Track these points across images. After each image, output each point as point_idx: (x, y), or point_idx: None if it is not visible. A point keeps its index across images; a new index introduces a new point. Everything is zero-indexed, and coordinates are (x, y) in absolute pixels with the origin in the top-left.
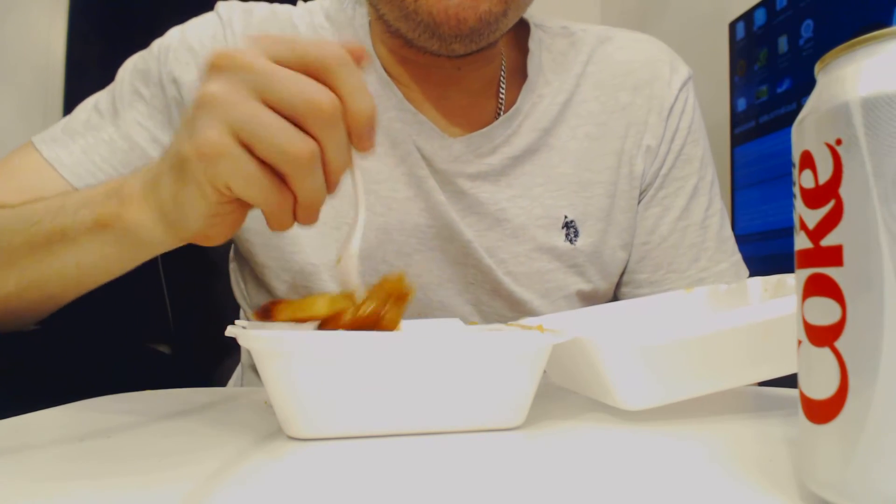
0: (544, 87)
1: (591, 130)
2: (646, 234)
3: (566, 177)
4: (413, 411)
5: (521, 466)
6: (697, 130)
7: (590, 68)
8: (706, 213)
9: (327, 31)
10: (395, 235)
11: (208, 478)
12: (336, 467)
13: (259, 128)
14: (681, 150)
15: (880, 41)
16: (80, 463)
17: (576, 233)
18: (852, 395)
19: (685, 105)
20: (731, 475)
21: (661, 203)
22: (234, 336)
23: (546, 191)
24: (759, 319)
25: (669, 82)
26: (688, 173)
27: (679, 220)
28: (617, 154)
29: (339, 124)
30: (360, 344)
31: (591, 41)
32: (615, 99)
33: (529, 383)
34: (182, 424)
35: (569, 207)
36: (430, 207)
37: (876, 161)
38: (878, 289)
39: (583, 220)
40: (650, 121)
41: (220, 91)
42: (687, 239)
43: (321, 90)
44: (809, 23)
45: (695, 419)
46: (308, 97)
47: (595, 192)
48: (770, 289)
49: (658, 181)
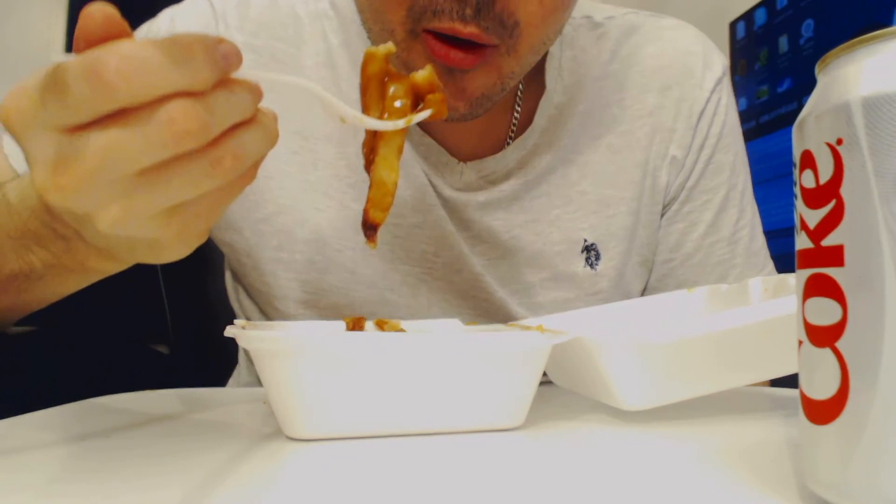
0: (562, 94)
1: (614, 141)
2: (669, 250)
3: (586, 195)
4: (413, 411)
5: (521, 466)
6: (730, 134)
7: (614, 67)
8: (736, 226)
9: (332, 21)
10: (401, 265)
11: (208, 478)
12: (336, 467)
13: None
14: (710, 160)
15: (880, 41)
16: (80, 463)
17: (597, 256)
18: (853, 395)
19: (717, 107)
20: (732, 475)
21: (686, 218)
22: (233, 336)
23: (564, 213)
24: (760, 319)
25: (701, 82)
26: (717, 184)
27: (706, 236)
28: (641, 166)
29: (207, 109)
30: (361, 344)
31: (616, 34)
32: (641, 102)
33: (529, 383)
34: (182, 424)
35: (589, 230)
36: (437, 237)
37: (877, 161)
38: (878, 289)
39: (604, 241)
40: (678, 127)
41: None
42: (714, 256)
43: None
44: (809, 23)
45: (695, 419)
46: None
47: (618, 210)
48: (770, 289)
49: (683, 194)
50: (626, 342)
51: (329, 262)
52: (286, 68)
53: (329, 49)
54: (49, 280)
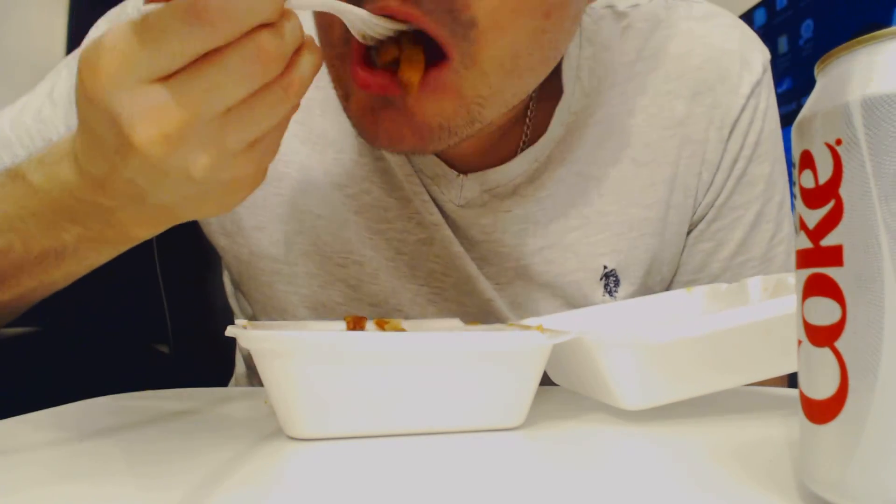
0: (581, 100)
1: (639, 154)
2: (693, 271)
3: (606, 216)
4: (413, 411)
5: (521, 466)
6: (767, 141)
7: (638, 68)
8: (770, 243)
9: None
10: (408, 283)
11: (208, 478)
12: (336, 467)
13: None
14: (743, 173)
15: (880, 41)
16: (80, 463)
17: (616, 283)
18: (852, 395)
19: (754, 114)
20: (731, 475)
21: (714, 237)
22: (233, 336)
23: (583, 236)
24: (759, 319)
25: (738, 87)
26: (750, 199)
27: (735, 256)
28: (668, 182)
29: (280, 37)
30: (361, 344)
31: (642, 27)
32: (669, 110)
33: (529, 383)
34: (182, 424)
35: (610, 255)
36: (444, 256)
37: (876, 161)
38: (878, 289)
39: (625, 266)
40: (710, 138)
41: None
42: (744, 276)
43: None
44: (809, 23)
45: (695, 419)
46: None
47: (643, 232)
48: (770, 288)
49: (712, 213)
50: (626, 342)
51: (329, 277)
52: None
53: None
54: (84, 254)
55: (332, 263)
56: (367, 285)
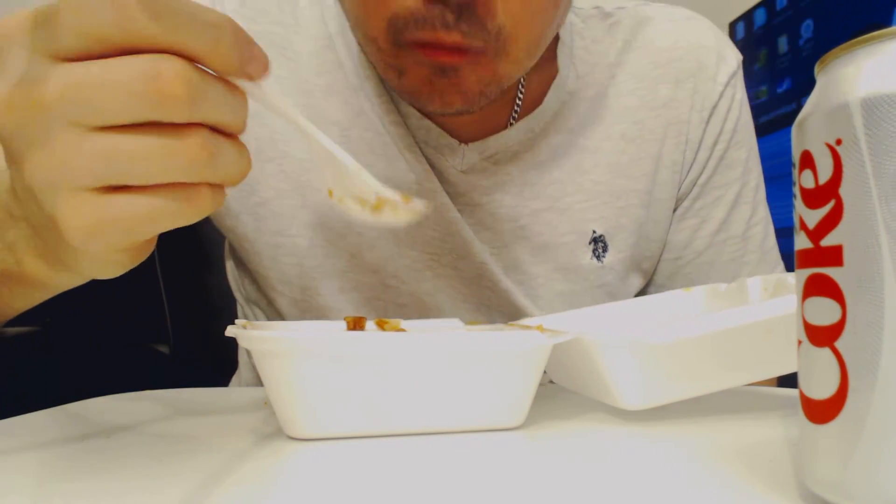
0: (575, 82)
1: (628, 130)
2: (679, 248)
3: (598, 185)
4: (413, 411)
5: (521, 466)
6: (743, 129)
7: (627, 56)
8: (748, 223)
9: (331, 10)
10: (406, 249)
11: (208, 478)
12: (336, 467)
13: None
14: (723, 155)
15: (880, 41)
16: (80, 463)
17: (604, 248)
18: (852, 395)
19: (731, 102)
20: (732, 475)
21: (697, 214)
22: (233, 336)
23: (575, 202)
24: (759, 319)
25: (715, 76)
26: (730, 180)
27: (717, 233)
28: (654, 158)
29: (202, 84)
30: (360, 344)
31: (628, 23)
32: (654, 93)
33: (529, 383)
34: (182, 424)
35: (599, 220)
36: (442, 222)
37: (876, 161)
38: (878, 289)
39: (613, 233)
40: (692, 120)
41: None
42: (725, 253)
43: (146, 66)
44: (809, 23)
45: (694, 419)
46: (140, 88)
47: (629, 202)
48: (770, 288)
49: (696, 190)
50: (626, 342)
51: (332, 247)
52: (284, 52)
53: (329, 34)
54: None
55: (335, 234)
56: (367, 252)
